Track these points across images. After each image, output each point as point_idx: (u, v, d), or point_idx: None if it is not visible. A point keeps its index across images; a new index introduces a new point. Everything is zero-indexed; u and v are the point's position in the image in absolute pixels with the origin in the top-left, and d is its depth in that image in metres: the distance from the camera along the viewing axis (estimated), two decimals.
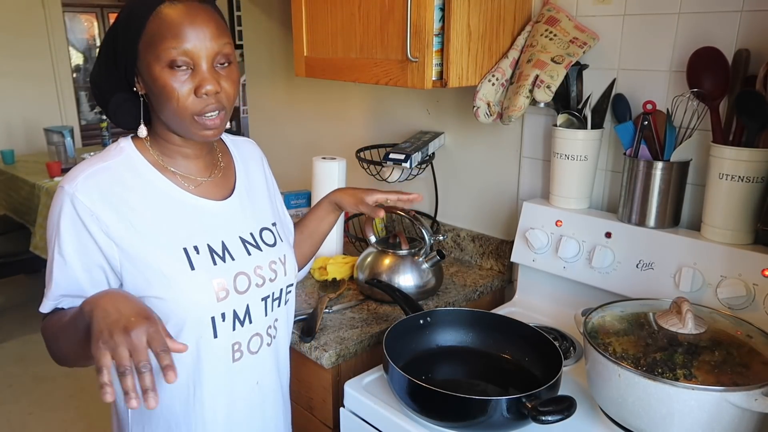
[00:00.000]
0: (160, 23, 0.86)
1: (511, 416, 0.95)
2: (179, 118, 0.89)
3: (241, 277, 0.98)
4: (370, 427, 1.11)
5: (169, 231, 0.93)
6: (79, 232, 0.88)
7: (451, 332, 1.25)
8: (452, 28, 1.26)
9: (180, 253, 0.92)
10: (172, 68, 0.86)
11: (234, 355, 0.99)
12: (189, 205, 0.96)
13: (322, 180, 1.71)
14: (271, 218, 1.10)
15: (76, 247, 0.89)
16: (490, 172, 1.66)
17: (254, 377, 1.04)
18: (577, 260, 1.36)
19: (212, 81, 0.87)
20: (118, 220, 0.89)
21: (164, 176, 0.96)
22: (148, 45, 0.87)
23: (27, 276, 4.13)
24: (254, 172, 1.12)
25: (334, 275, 1.57)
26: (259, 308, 1.01)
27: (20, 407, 2.80)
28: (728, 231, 1.16)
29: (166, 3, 0.87)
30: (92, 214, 0.88)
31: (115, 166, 0.93)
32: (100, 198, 0.89)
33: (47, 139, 3.60)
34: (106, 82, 0.94)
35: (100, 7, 5.96)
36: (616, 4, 1.32)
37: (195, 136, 0.92)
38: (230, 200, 1.02)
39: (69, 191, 0.88)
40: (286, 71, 2.25)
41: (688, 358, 0.93)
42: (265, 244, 1.04)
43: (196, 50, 0.86)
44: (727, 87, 1.15)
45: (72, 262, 0.90)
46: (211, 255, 0.95)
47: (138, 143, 0.97)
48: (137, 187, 0.93)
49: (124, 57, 0.89)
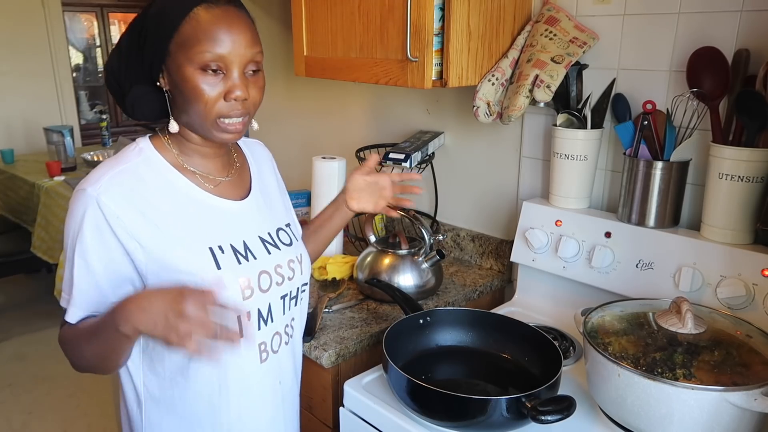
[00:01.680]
0: (197, 26, 0.86)
1: (510, 416, 0.96)
2: (204, 119, 0.90)
3: (264, 275, 0.98)
4: (369, 426, 1.12)
5: (194, 231, 0.93)
6: (104, 235, 0.88)
7: (450, 332, 1.25)
8: (452, 27, 1.26)
9: (206, 252, 0.93)
10: (204, 71, 0.87)
11: (261, 356, 1.00)
12: (210, 206, 0.97)
13: (322, 180, 1.71)
14: (285, 219, 1.10)
15: (99, 251, 0.88)
16: (490, 172, 1.66)
17: (277, 377, 1.04)
18: (577, 260, 1.36)
19: (242, 88, 0.89)
20: (143, 222, 0.89)
21: (184, 176, 0.96)
22: (181, 45, 0.87)
23: (26, 275, 4.13)
24: (266, 172, 1.13)
25: (334, 275, 1.57)
26: (279, 307, 1.02)
27: (20, 406, 2.80)
28: (728, 231, 1.16)
29: (202, 5, 0.87)
30: (118, 217, 0.87)
31: (137, 167, 0.92)
32: (125, 200, 0.88)
33: (47, 139, 3.60)
34: (126, 74, 0.92)
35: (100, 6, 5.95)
36: (616, 3, 1.32)
37: (215, 138, 0.93)
38: (248, 200, 1.03)
39: (93, 194, 0.87)
40: (286, 71, 2.25)
41: (687, 358, 0.93)
42: (283, 243, 1.05)
43: (231, 56, 0.87)
44: (726, 87, 1.15)
45: (95, 266, 0.89)
46: (235, 254, 0.96)
47: (156, 143, 0.97)
48: (159, 188, 0.93)
49: (151, 53, 0.89)
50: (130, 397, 1.00)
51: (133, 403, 1.00)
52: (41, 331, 3.46)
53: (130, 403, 1.00)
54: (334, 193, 1.35)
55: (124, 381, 1.00)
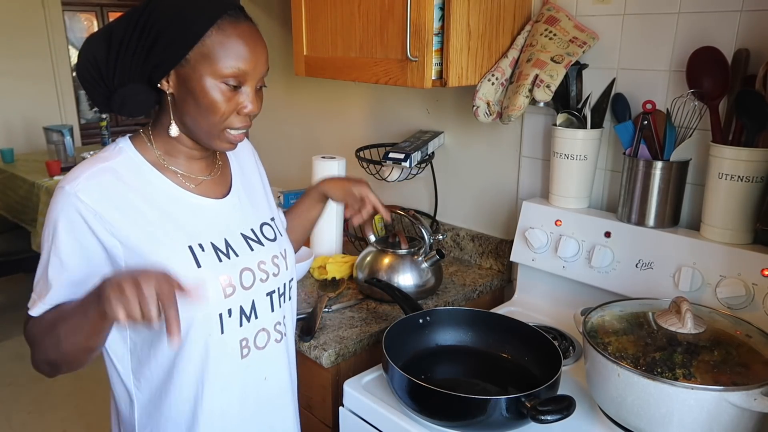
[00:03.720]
0: (225, 39, 0.87)
1: (510, 415, 0.96)
2: (212, 129, 0.91)
3: (246, 272, 0.98)
4: (369, 426, 1.11)
5: (173, 230, 0.93)
6: (79, 232, 0.88)
7: (450, 331, 1.25)
8: (452, 27, 1.26)
9: (186, 251, 0.93)
10: (225, 84, 0.88)
11: (242, 352, 1.00)
12: (191, 204, 0.97)
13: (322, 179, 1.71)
14: (269, 213, 1.11)
15: (74, 247, 0.88)
16: (490, 172, 1.66)
17: (262, 373, 1.04)
18: (577, 260, 1.36)
19: (255, 103, 0.92)
20: (122, 219, 0.89)
21: (165, 176, 0.96)
22: (205, 56, 0.87)
23: (26, 275, 4.13)
24: (248, 167, 1.13)
25: (334, 274, 1.57)
26: (265, 303, 1.02)
27: (19, 406, 2.80)
28: (727, 230, 1.16)
29: (227, 18, 0.87)
30: (96, 214, 0.87)
31: (116, 166, 0.92)
32: (103, 197, 0.88)
33: (47, 138, 3.60)
34: (117, 69, 0.89)
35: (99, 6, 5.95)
36: (615, 3, 1.32)
37: (216, 147, 0.95)
38: (229, 198, 1.03)
39: (70, 191, 0.87)
40: (286, 70, 2.25)
41: (687, 358, 0.93)
42: (266, 239, 1.05)
43: (251, 72, 0.90)
44: (726, 87, 1.15)
45: (69, 263, 0.89)
46: (216, 252, 0.96)
47: (137, 143, 0.97)
48: (139, 187, 0.93)
49: (163, 55, 0.87)
50: (121, 398, 1.00)
51: (125, 404, 1.00)
52: None
53: (121, 403, 1.01)
54: None
55: (115, 382, 1.00)
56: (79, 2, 5.77)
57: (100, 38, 0.90)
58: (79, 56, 0.91)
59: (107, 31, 0.89)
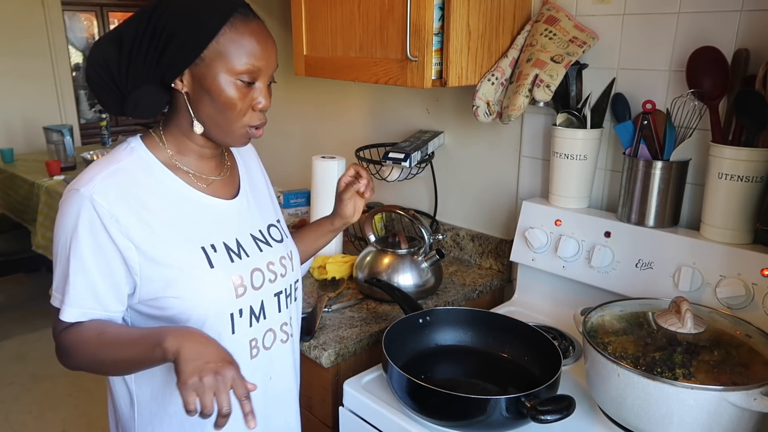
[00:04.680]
0: (239, 37, 0.88)
1: (510, 415, 0.96)
2: (231, 127, 0.93)
3: (257, 273, 0.99)
4: (369, 426, 1.12)
5: (186, 230, 0.93)
6: (98, 235, 0.87)
7: (450, 331, 1.25)
8: (452, 27, 1.26)
9: (199, 252, 0.93)
10: (240, 81, 0.89)
11: (252, 352, 1.00)
12: (202, 204, 0.97)
13: (322, 179, 1.71)
14: (274, 215, 1.11)
15: (94, 250, 0.88)
16: (490, 172, 1.66)
17: (268, 373, 1.04)
18: (577, 259, 1.36)
19: (267, 98, 0.94)
20: (137, 221, 0.89)
21: (177, 176, 0.96)
22: (220, 54, 0.87)
23: (26, 274, 4.13)
24: (253, 169, 1.14)
25: (334, 274, 1.57)
26: (272, 304, 1.02)
27: (19, 406, 2.80)
28: (727, 230, 1.16)
29: (238, 16, 0.88)
30: (112, 216, 0.87)
31: (129, 167, 0.92)
32: (118, 199, 0.88)
33: (46, 138, 3.59)
34: (129, 71, 0.88)
35: (99, 5, 5.95)
36: (615, 3, 1.32)
37: (235, 143, 0.97)
38: (238, 198, 1.03)
39: (86, 194, 0.86)
40: (286, 70, 2.25)
41: (687, 358, 0.93)
42: (274, 240, 1.06)
43: (265, 68, 0.91)
44: (726, 87, 1.15)
45: (90, 266, 0.88)
46: (228, 253, 0.96)
47: (149, 143, 0.96)
48: (152, 188, 0.92)
49: (178, 56, 0.87)
50: (122, 398, 1.00)
51: (125, 403, 1.00)
52: (41, 331, 3.45)
53: (121, 404, 1.00)
54: (333, 192, 1.35)
55: (115, 381, 1.00)
56: (79, 2, 5.77)
57: (109, 42, 0.89)
58: (89, 61, 0.91)
59: (116, 34, 0.89)
